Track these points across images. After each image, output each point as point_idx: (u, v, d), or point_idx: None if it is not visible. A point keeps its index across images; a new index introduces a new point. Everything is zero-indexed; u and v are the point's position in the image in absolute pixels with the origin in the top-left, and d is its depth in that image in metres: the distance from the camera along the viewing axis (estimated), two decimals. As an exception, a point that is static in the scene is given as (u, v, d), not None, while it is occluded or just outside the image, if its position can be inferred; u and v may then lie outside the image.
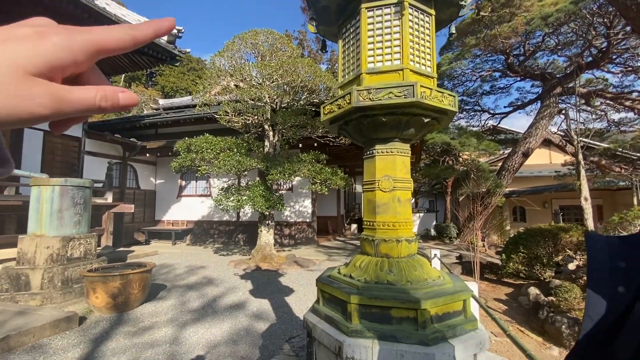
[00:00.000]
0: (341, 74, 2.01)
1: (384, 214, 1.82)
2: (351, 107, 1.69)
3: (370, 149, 1.91)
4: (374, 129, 1.81)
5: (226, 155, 7.17)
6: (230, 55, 8.03)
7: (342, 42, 2.04)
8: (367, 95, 1.66)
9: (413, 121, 1.75)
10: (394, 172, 1.83)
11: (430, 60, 1.87)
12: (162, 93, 41.47)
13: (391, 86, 1.63)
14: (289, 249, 10.87)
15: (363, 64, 1.80)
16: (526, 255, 6.07)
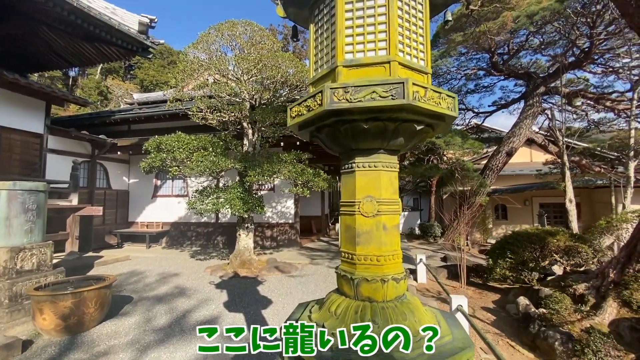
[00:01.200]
0: (312, 67, 1.61)
1: (366, 244, 1.44)
2: (323, 110, 1.29)
3: (348, 162, 1.52)
4: (353, 138, 1.42)
5: (200, 155, 6.65)
6: (205, 47, 7.47)
7: (314, 27, 1.63)
8: (344, 94, 1.26)
9: (402, 129, 1.37)
10: (378, 192, 1.45)
11: (424, 51, 1.49)
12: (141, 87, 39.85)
13: (375, 83, 1.24)
14: (270, 251, 10.43)
15: (339, 54, 1.40)
16: (513, 261, 5.88)
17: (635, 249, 4.21)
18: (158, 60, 41.44)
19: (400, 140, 1.43)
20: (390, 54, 1.35)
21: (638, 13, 3.40)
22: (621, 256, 4.37)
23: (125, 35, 9.36)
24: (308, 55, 1.66)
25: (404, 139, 1.43)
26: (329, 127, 1.42)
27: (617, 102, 11.63)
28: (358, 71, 1.39)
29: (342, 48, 1.40)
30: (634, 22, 3.51)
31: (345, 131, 1.40)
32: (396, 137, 1.41)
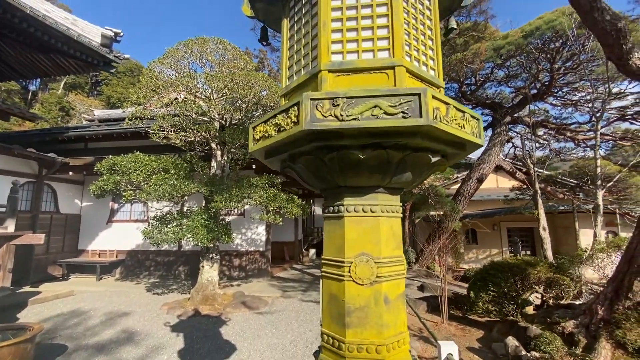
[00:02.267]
0: (285, 73, 1.20)
1: (361, 327, 0.99)
2: (300, 131, 0.87)
3: (335, 204, 1.09)
4: (342, 172, 1.00)
5: (159, 178, 5.96)
6: (172, 62, 6.97)
7: (288, 23, 1.23)
8: (332, 109, 0.85)
9: (412, 160, 0.97)
10: (377, 248, 1.02)
11: (435, 58, 1.13)
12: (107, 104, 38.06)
13: (378, 94, 0.84)
14: (238, 282, 9.59)
15: (323, 54, 1.00)
16: (496, 293, 5.61)
17: (622, 283, 4.05)
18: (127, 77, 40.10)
19: (408, 175, 1.02)
20: (395, 56, 0.97)
21: (618, 44, 3.40)
22: (608, 291, 4.20)
23: (85, 48, 8.69)
24: (280, 60, 1.25)
25: (412, 173, 1.03)
26: (308, 155, 0.99)
27: (576, 133, 12.32)
28: (349, 78, 0.99)
29: (328, 47, 1.00)
30: (614, 53, 3.51)
31: (331, 162, 0.97)
32: (402, 171, 1.00)
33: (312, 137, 0.90)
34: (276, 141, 0.98)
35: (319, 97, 0.86)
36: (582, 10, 3.47)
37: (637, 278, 3.93)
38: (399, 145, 0.91)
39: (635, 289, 3.93)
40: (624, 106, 10.94)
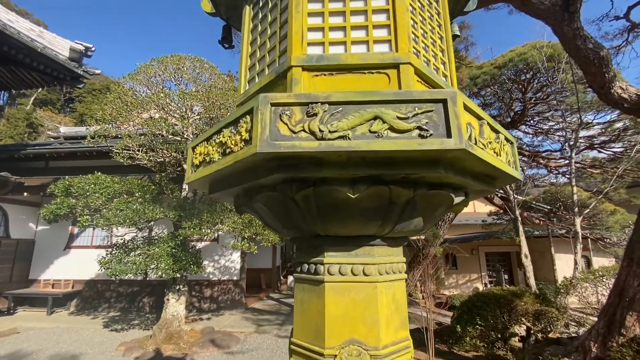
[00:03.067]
0: (245, 75, 0.88)
1: None
2: (252, 154, 0.52)
3: (310, 260, 0.75)
4: (322, 216, 0.67)
5: (121, 202, 5.39)
6: (144, 79, 6.58)
7: (251, 10, 0.93)
8: (305, 120, 0.52)
9: (427, 200, 0.65)
10: (374, 331, 0.68)
11: (446, 62, 0.84)
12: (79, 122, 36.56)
13: (379, 98, 0.52)
14: (208, 316, 8.79)
15: (295, 45, 0.69)
16: (484, 328, 5.31)
17: (614, 318, 3.85)
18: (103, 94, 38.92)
19: (417, 222, 0.70)
20: (400, 51, 0.67)
21: (600, 72, 3.38)
22: (600, 326, 3.98)
23: (50, 61, 8.18)
24: (240, 58, 0.93)
25: (423, 218, 0.70)
26: (271, 191, 0.65)
27: (548, 160, 12.72)
28: (332, 80, 0.68)
29: (302, 35, 0.70)
30: (596, 82, 3.49)
31: (305, 202, 0.64)
32: (411, 216, 0.68)
33: (273, 164, 0.57)
34: (220, 169, 0.63)
35: (284, 102, 0.54)
36: (565, 38, 3.46)
37: (629, 312, 3.74)
38: (409, 179, 0.59)
39: (627, 323, 3.74)
40: (592, 135, 11.45)
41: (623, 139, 10.76)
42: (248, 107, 0.57)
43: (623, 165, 9.02)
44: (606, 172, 11.23)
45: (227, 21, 1.25)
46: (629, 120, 9.92)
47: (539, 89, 11.10)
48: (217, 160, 0.64)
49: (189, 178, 0.75)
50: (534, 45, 9.59)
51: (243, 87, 0.87)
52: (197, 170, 0.73)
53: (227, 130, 0.62)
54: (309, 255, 0.75)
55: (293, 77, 0.67)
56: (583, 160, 12.37)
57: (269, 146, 0.52)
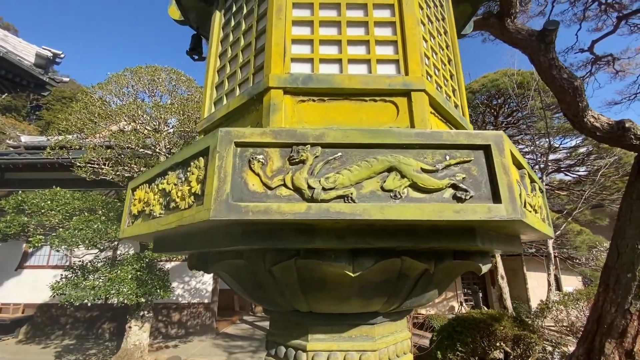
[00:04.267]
0: (210, 95, 0.70)
1: None
2: (201, 221, 0.33)
3: (288, 342, 0.54)
4: (306, 292, 0.47)
5: (81, 221, 4.92)
6: (115, 89, 6.23)
7: (222, 16, 0.76)
8: (287, 170, 0.34)
9: (447, 270, 0.46)
10: None
11: (457, 88, 0.71)
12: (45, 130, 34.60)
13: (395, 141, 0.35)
14: (175, 343, 8.15)
15: (275, 60, 0.51)
16: (464, 354, 5.18)
17: (592, 345, 3.82)
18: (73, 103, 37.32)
19: (432, 294, 0.53)
20: (410, 73, 0.51)
21: (574, 102, 3.47)
22: (579, 354, 3.95)
23: (13, 66, 7.66)
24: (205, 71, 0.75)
25: (438, 290, 0.53)
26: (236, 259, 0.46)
27: (519, 181, 13.24)
28: (324, 107, 0.50)
29: (284, 48, 0.53)
30: (570, 110, 3.59)
31: (285, 274, 0.45)
32: (424, 289, 0.50)
33: (236, 231, 0.38)
34: (161, 230, 0.44)
35: (257, 142, 0.36)
36: (541, 67, 3.56)
37: (607, 339, 3.73)
38: (432, 250, 0.42)
39: (607, 351, 3.72)
40: (559, 159, 12.04)
41: (587, 163, 11.39)
42: (204, 145, 0.39)
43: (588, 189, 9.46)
44: (572, 194, 11.77)
45: (197, 30, 1.09)
46: (592, 145, 10.52)
47: (509, 113, 11.64)
48: (159, 216, 0.45)
49: (124, 232, 0.55)
50: (505, 72, 10.09)
51: (207, 109, 0.68)
52: (134, 223, 0.53)
53: (173, 174, 0.43)
54: (287, 335, 0.56)
55: (271, 102, 0.50)
56: (551, 182, 12.95)
57: (229, 210, 0.33)
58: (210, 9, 0.95)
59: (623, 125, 3.47)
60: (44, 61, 8.49)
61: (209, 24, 1.00)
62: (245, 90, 0.60)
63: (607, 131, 3.58)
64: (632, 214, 3.76)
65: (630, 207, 3.80)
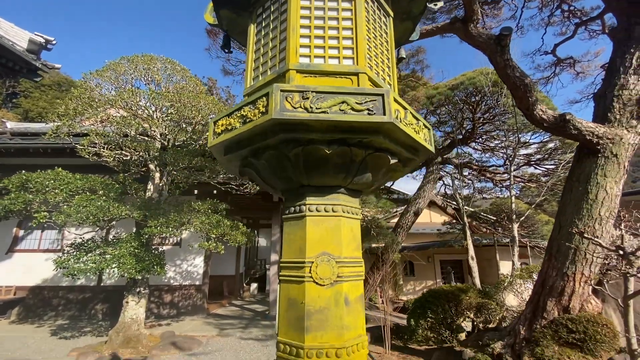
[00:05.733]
0: (250, 74, 1.21)
1: (321, 330, 0.94)
2: (268, 120, 0.86)
3: (296, 204, 1.07)
4: (306, 168, 1.00)
5: (83, 199, 5.27)
6: (112, 76, 6.52)
7: (255, 28, 1.27)
8: (301, 101, 0.87)
9: (373, 160, 1.01)
10: (338, 248, 1.01)
11: (391, 74, 1.24)
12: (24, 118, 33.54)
13: (345, 91, 0.89)
14: (167, 321, 8.56)
15: (292, 56, 1.03)
16: (434, 320, 5.85)
17: (538, 304, 4.52)
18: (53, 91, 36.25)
19: (368, 176, 1.06)
20: (359, 65, 1.04)
21: (525, 97, 4.10)
22: (527, 312, 4.65)
23: (5, 51, 7.77)
24: (245, 62, 1.26)
25: (372, 175, 1.07)
26: (274, 149, 0.98)
27: (494, 174, 14.11)
28: (316, 80, 1.03)
29: (296, 49, 1.05)
30: (522, 104, 4.22)
31: (296, 157, 0.97)
32: (363, 171, 1.04)
33: (279, 128, 0.90)
34: (241, 133, 0.95)
35: (289, 89, 0.88)
36: (498, 67, 4.17)
37: (549, 298, 4.43)
38: (362, 143, 0.95)
39: (548, 308, 4.42)
40: (530, 153, 12.98)
41: (554, 157, 12.33)
42: (263, 93, 0.90)
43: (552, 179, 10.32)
44: (541, 187, 12.72)
45: (227, 32, 1.57)
46: (558, 141, 11.43)
47: (486, 110, 12.42)
48: (238, 127, 0.96)
49: (211, 143, 1.05)
50: (481, 71, 10.79)
51: (249, 82, 1.19)
52: (217, 137, 1.03)
53: (247, 107, 0.94)
54: (295, 201, 1.08)
55: (290, 76, 1.01)
56: (522, 175, 13.91)
57: (279, 115, 0.84)
58: (239, 20, 1.45)
59: (564, 117, 4.13)
60: (37, 47, 8.63)
61: (235, 29, 1.50)
62: (274, 71, 1.10)
63: (552, 122, 4.23)
64: (572, 193, 4.45)
65: (570, 188, 4.50)
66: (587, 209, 4.20)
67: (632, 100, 4.26)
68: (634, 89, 4.35)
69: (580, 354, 3.92)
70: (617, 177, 4.20)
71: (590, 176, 4.24)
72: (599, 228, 4.14)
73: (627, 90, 4.35)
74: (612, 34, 5.03)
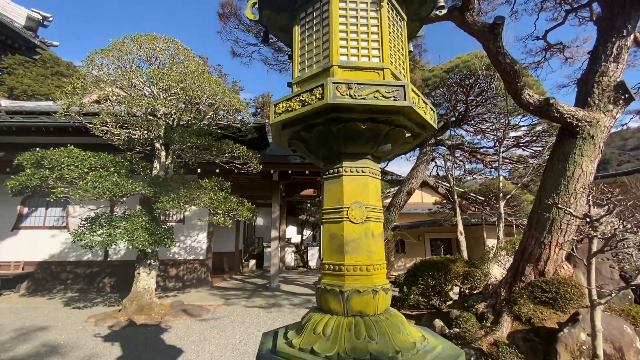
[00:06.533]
0: (297, 67, 1.54)
1: (355, 253, 1.35)
2: (323, 104, 1.22)
3: (334, 167, 1.44)
4: (344, 140, 1.37)
5: (97, 175, 5.54)
6: (117, 56, 6.63)
7: (299, 29, 1.59)
8: (347, 90, 1.22)
9: (393, 134, 1.39)
10: (366, 198, 1.40)
11: (406, 69, 1.60)
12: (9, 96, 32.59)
13: (378, 83, 1.25)
14: (174, 293, 9.06)
15: (334, 54, 1.38)
16: (424, 287, 6.42)
17: (517, 270, 5.08)
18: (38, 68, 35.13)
19: (388, 146, 1.44)
20: (384, 62, 1.39)
21: (514, 82, 4.47)
22: (508, 277, 5.22)
23: (4, 28, 7.76)
24: (292, 56, 1.59)
25: (392, 145, 1.44)
26: (322, 125, 1.34)
27: (484, 156, 14.64)
28: (352, 73, 1.38)
29: (337, 50, 1.39)
30: (511, 89, 4.59)
31: (338, 131, 1.33)
32: (386, 142, 1.41)
33: (330, 109, 1.25)
34: (299, 113, 1.30)
35: (339, 82, 1.23)
36: (490, 53, 4.50)
37: (527, 264, 4.99)
38: (388, 120, 1.31)
39: (526, 272, 4.98)
40: (519, 136, 13.50)
41: (542, 140, 12.86)
42: (318, 83, 1.25)
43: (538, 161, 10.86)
44: (528, 168, 13.32)
45: (266, 27, 1.89)
46: (546, 124, 11.91)
47: (479, 93, 12.76)
48: (297, 109, 1.31)
49: (274, 120, 1.39)
50: (476, 54, 11.05)
51: (296, 73, 1.52)
52: (278, 116, 1.38)
53: (305, 94, 1.29)
54: (334, 164, 1.45)
55: (333, 70, 1.35)
56: (511, 157, 14.48)
57: (333, 100, 1.19)
58: (277, 17, 1.76)
59: (548, 101, 4.52)
60: (35, 24, 8.61)
61: (274, 24, 1.82)
62: (318, 65, 1.44)
63: (537, 106, 4.63)
64: (552, 171, 4.91)
65: (551, 167, 4.96)
66: (565, 184, 4.68)
67: (610, 87, 4.66)
68: (612, 75, 4.75)
69: (552, 311, 4.50)
70: (593, 157, 4.66)
71: (569, 155, 4.70)
72: (573, 202, 4.64)
73: (607, 76, 4.74)
74: (597, 22, 5.36)
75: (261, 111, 42.79)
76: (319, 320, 1.33)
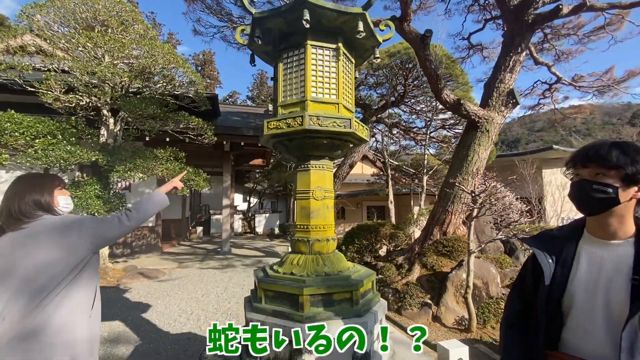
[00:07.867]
0: (281, 94, 2.25)
1: (317, 218, 2.21)
2: (302, 128, 1.99)
3: (305, 163, 2.25)
4: (312, 148, 2.17)
5: (46, 143, 5.46)
6: (57, 13, 6.19)
7: (282, 66, 2.28)
8: (317, 121, 2.01)
9: (343, 145, 2.23)
10: (324, 184, 2.24)
11: (352, 98, 2.42)
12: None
13: (335, 117, 2.05)
14: (124, 259, 9.22)
15: (307, 92, 2.13)
16: (359, 246, 7.75)
17: (428, 231, 6.57)
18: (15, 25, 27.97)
19: (339, 152, 2.29)
20: (339, 98, 2.19)
21: (436, 83, 5.57)
22: (421, 236, 6.70)
23: None
24: (275, 83, 2.29)
25: (341, 151, 2.29)
26: (299, 139, 2.12)
27: (416, 134, 16.49)
28: (319, 105, 2.15)
29: (310, 88, 2.14)
30: (435, 89, 5.71)
31: (309, 143, 2.13)
32: (337, 149, 2.25)
33: (306, 132, 2.02)
34: (285, 131, 2.05)
35: (312, 115, 2.00)
36: (420, 58, 5.50)
37: (435, 227, 6.48)
38: (340, 138, 2.14)
39: (434, 233, 6.48)
40: (445, 118, 15.46)
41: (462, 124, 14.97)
42: (298, 111, 2.01)
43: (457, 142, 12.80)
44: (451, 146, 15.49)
45: (253, 52, 2.52)
46: (467, 110, 13.90)
47: (416, 77, 14.17)
48: (284, 128, 2.05)
49: (267, 132, 2.11)
50: (415, 43, 12.20)
51: (281, 98, 2.23)
52: (270, 130, 2.11)
53: (290, 119, 2.01)
54: (305, 161, 2.25)
55: (307, 103, 2.10)
56: (438, 137, 16.59)
57: (309, 127, 1.95)
58: (267, 49, 2.43)
59: (459, 101, 5.74)
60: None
61: (260, 52, 2.48)
62: (297, 97, 2.15)
63: (452, 104, 5.84)
64: (458, 155, 6.30)
65: (458, 152, 6.34)
66: (466, 166, 6.11)
67: (504, 92, 6.07)
68: (507, 83, 6.15)
69: (448, 260, 6.07)
70: (487, 146, 6.13)
71: (471, 144, 6.10)
72: (471, 181, 6.11)
73: (504, 84, 6.13)
74: (503, 36, 6.69)
75: (202, 69, 39.87)
76: (294, 257, 2.19)
